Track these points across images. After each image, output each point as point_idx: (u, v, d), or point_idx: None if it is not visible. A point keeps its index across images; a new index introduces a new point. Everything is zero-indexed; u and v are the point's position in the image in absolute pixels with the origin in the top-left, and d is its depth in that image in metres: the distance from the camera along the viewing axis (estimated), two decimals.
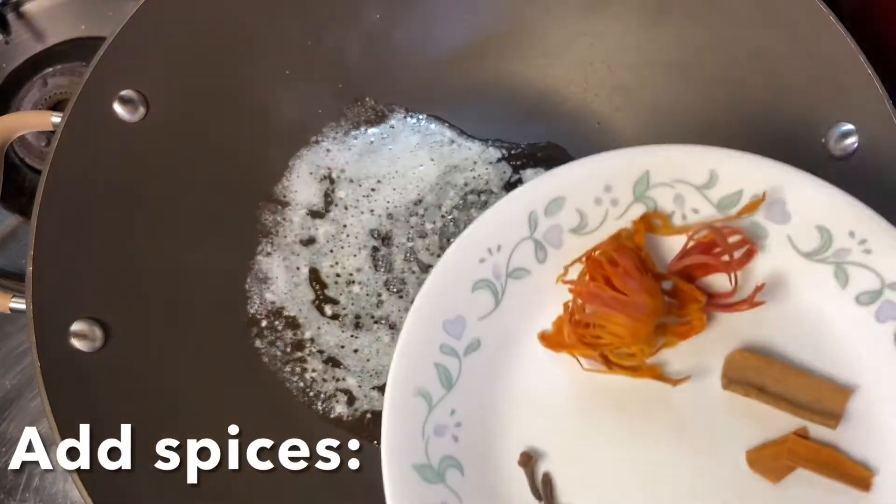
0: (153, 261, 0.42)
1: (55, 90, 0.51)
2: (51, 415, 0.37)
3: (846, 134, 0.40)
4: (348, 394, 0.43)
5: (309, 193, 0.46)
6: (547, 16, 0.46)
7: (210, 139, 0.44)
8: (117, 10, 0.52)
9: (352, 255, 0.45)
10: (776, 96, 0.43)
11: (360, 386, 0.43)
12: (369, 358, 0.44)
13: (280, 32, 0.45)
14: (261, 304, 0.45)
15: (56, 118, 0.42)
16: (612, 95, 0.47)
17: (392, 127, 0.47)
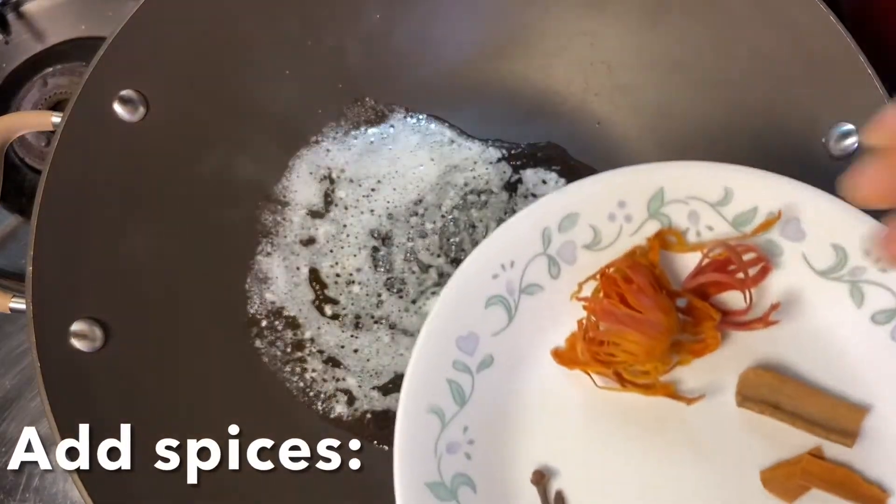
0: (153, 261, 0.42)
1: (55, 90, 0.51)
2: (50, 415, 0.37)
3: (846, 134, 0.40)
4: (348, 394, 0.43)
5: (309, 193, 0.46)
6: (547, 16, 0.46)
7: (210, 139, 0.44)
8: (117, 10, 0.52)
9: (352, 255, 0.45)
10: (776, 96, 0.43)
11: (360, 386, 0.43)
12: (369, 358, 0.44)
13: (280, 32, 0.45)
14: (261, 304, 0.45)
15: (56, 118, 0.42)
16: (612, 95, 0.47)
17: (392, 127, 0.47)
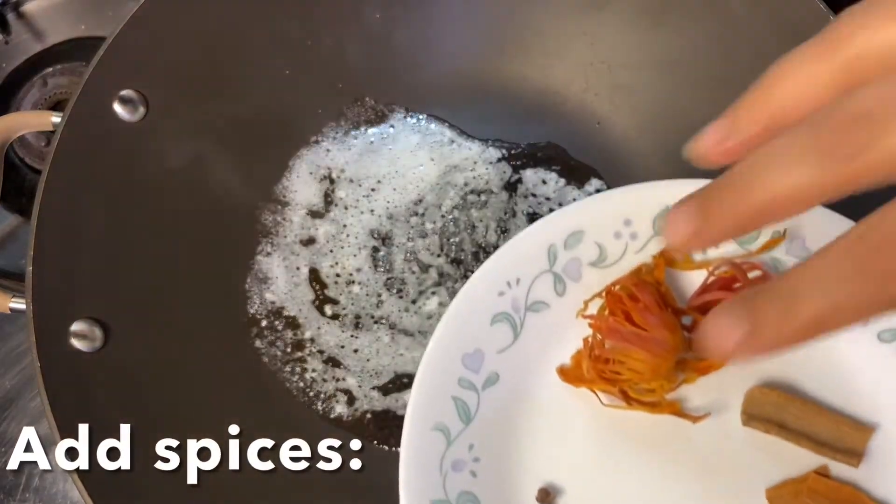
0: (153, 261, 0.42)
1: (55, 90, 0.51)
2: (50, 415, 0.37)
3: None
4: (348, 394, 0.43)
5: (309, 193, 0.46)
6: (547, 15, 0.46)
7: (210, 139, 0.44)
8: (117, 10, 0.52)
9: (352, 255, 0.45)
10: None
11: (360, 386, 0.43)
12: (369, 358, 0.44)
13: (280, 32, 0.45)
14: (261, 304, 0.45)
15: (56, 118, 0.42)
16: (612, 95, 0.47)
17: (392, 127, 0.47)
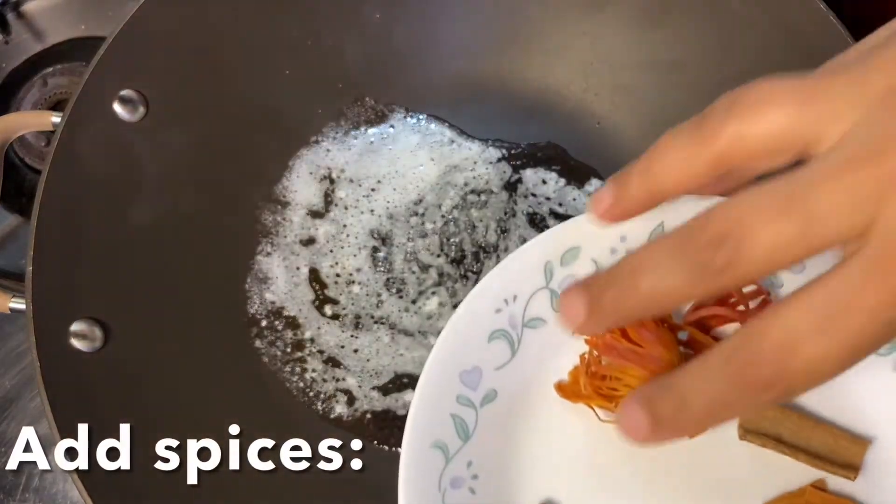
0: (153, 261, 0.42)
1: (55, 90, 0.51)
2: (50, 415, 0.37)
3: None
4: (348, 394, 0.43)
5: (309, 193, 0.46)
6: (547, 15, 0.46)
7: (210, 139, 0.44)
8: (117, 10, 0.52)
9: (352, 255, 0.45)
10: None
11: (360, 386, 0.43)
12: (369, 358, 0.44)
13: (280, 32, 0.45)
14: (261, 304, 0.45)
15: (56, 118, 0.42)
16: (612, 95, 0.47)
17: (392, 127, 0.47)
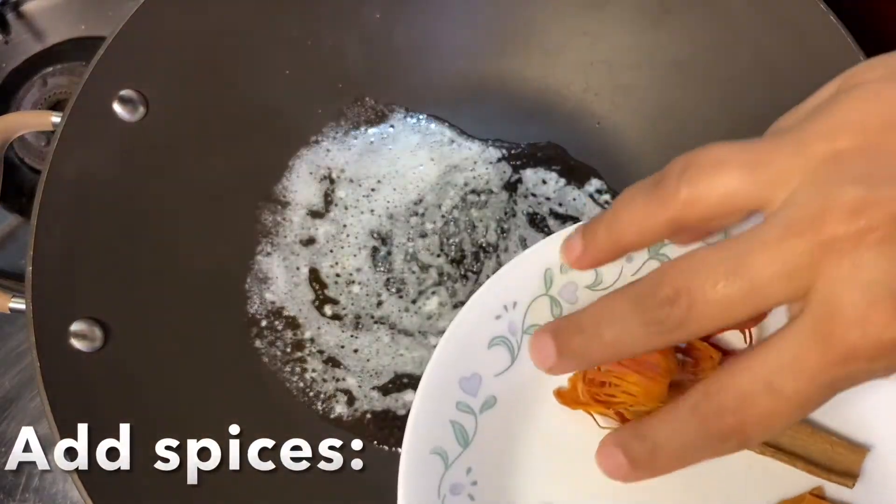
0: (153, 261, 0.42)
1: (55, 90, 0.51)
2: (50, 415, 0.37)
3: None
4: (348, 394, 0.43)
5: (309, 193, 0.46)
6: (547, 15, 0.46)
7: (210, 139, 0.44)
8: (117, 10, 0.52)
9: (352, 255, 0.45)
10: (776, 96, 0.42)
11: (360, 386, 0.43)
12: (369, 358, 0.44)
13: (280, 32, 0.45)
14: (261, 304, 0.45)
15: (56, 118, 0.42)
16: (612, 95, 0.47)
17: (392, 127, 0.47)
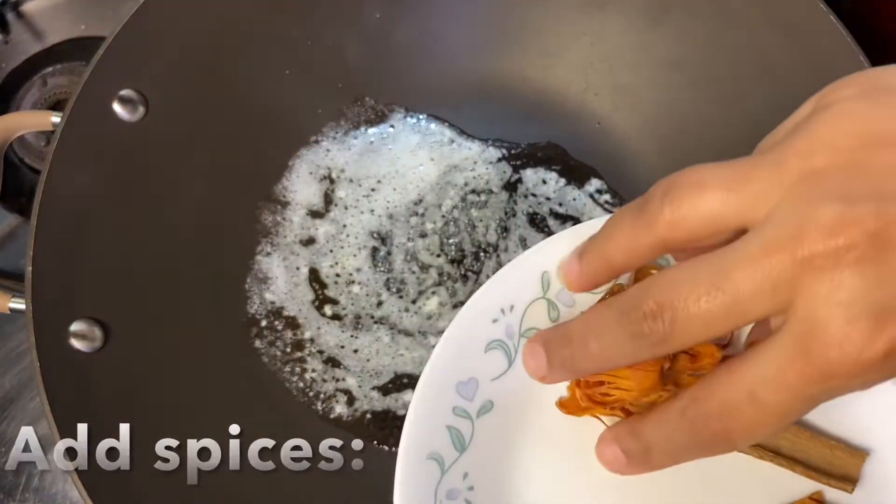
0: (153, 261, 0.42)
1: (55, 90, 0.51)
2: (50, 415, 0.37)
3: None
4: (348, 394, 0.43)
5: (309, 193, 0.46)
6: (547, 15, 0.46)
7: (210, 139, 0.44)
8: (117, 10, 0.52)
9: (352, 255, 0.45)
10: (776, 96, 0.42)
11: (360, 386, 0.43)
12: (369, 358, 0.44)
13: (280, 32, 0.45)
14: (261, 304, 0.45)
15: (56, 118, 0.42)
16: (613, 95, 0.47)
17: (392, 127, 0.47)
